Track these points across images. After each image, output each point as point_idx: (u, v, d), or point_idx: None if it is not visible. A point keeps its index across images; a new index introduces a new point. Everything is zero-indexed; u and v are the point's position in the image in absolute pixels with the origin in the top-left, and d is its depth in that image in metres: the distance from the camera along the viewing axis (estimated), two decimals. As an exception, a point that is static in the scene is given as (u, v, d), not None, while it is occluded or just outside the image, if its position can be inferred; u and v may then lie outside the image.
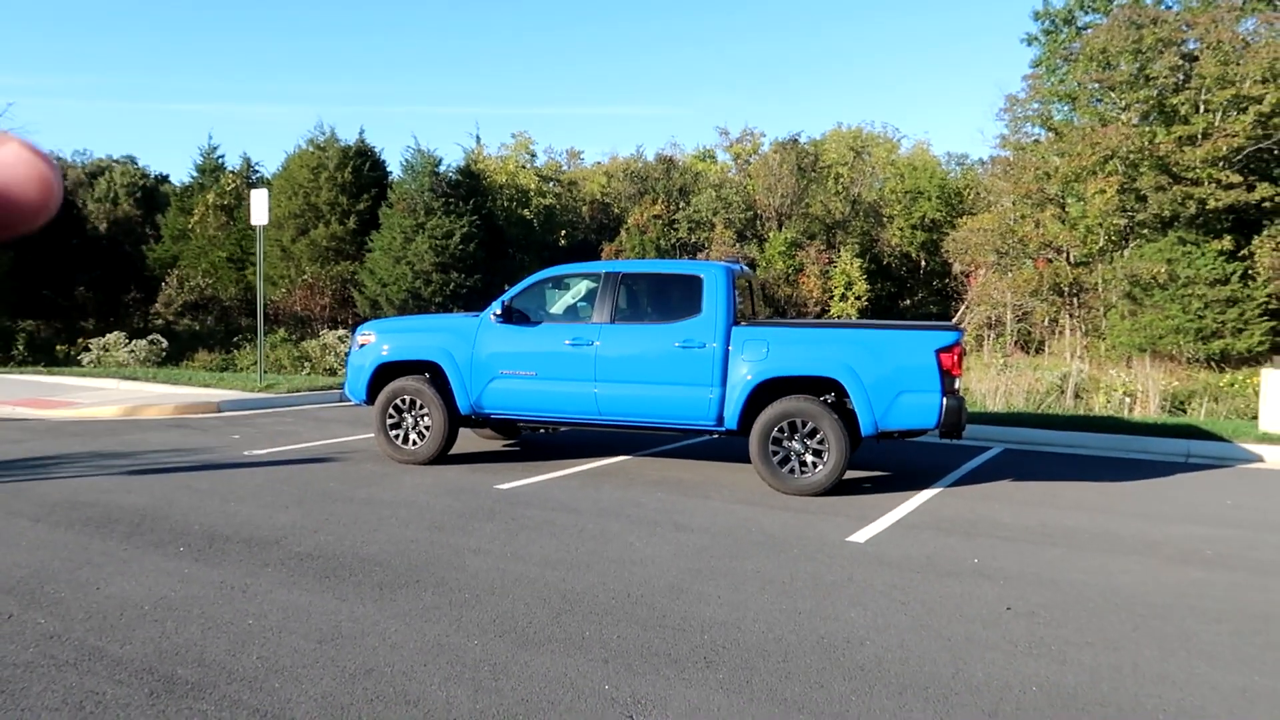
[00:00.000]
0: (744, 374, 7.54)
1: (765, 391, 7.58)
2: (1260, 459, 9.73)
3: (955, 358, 7.20)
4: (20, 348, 23.27)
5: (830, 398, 7.52)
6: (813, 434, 7.38)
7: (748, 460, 7.82)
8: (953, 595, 4.94)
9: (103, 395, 13.26)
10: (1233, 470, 9.28)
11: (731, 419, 7.60)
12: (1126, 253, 29.24)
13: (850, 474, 8.34)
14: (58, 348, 26.93)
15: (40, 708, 3.36)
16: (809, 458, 7.41)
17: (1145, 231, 28.96)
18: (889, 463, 9.20)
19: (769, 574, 5.26)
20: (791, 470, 7.44)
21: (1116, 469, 9.18)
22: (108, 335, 22.63)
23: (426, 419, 8.50)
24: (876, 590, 5.00)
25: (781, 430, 7.45)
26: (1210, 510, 7.32)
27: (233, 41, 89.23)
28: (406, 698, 3.52)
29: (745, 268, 8.91)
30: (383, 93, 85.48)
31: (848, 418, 7.43)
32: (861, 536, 6.17)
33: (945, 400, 7.12)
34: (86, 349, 22.32)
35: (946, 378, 7.14)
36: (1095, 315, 30.14)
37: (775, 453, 7.48)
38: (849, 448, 7.37)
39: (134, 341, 21.90)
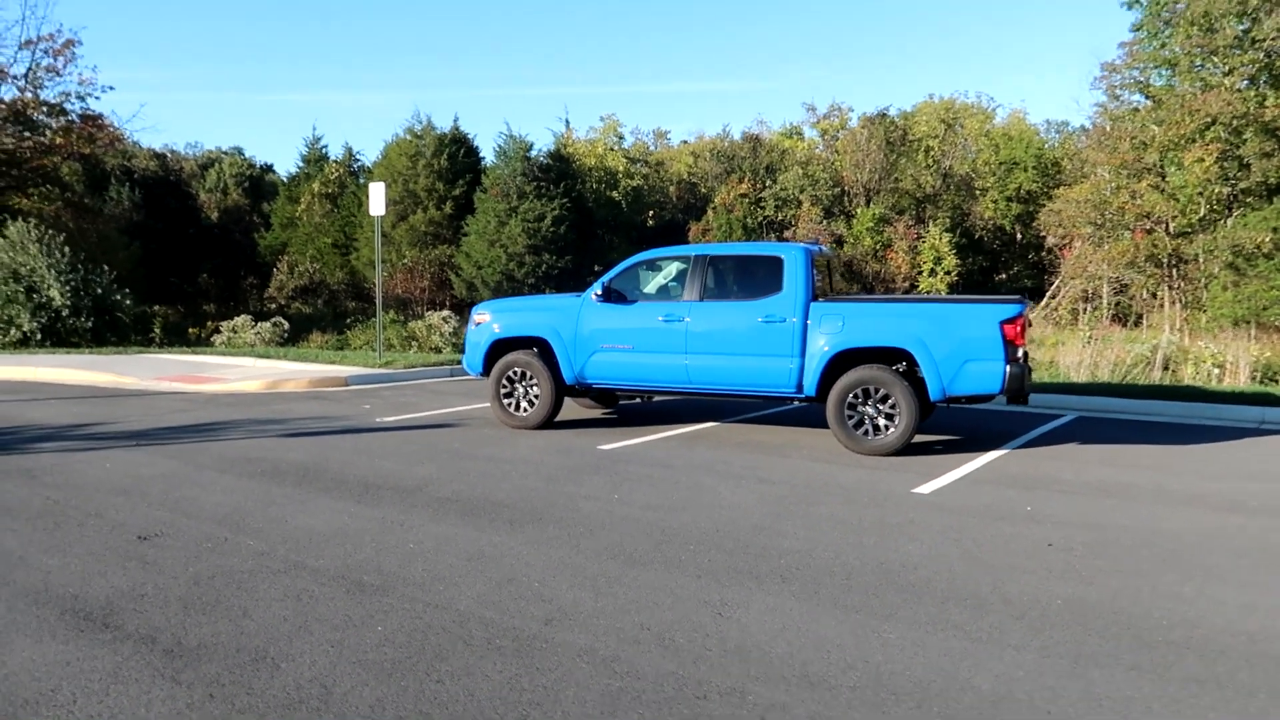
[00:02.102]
0: (822, 345, 8.30)
1: (841, 361, 8.33)
2: (1335, 425, 9.99)
3: (1018, 328, 7.80)
4: (158, 331, 25.39)
5: (901, 366, 8.22)
6: (885, 399, 8.10)
7: (826, 426, 8.58)
8: (1002, 535, 5.66)
9: (244, 371, 14.74)
10: (1303, 435, 9.60)
11: (810, 386, 8.38)
12: (1229, 222, 28.55)
13: (922, 437, 9.03)
14: (190, 330, 29.19)
15: (269, 599, 4.42)
16: (881, 421, 8.13)
17: (1249, 200, 28.23)
18: (961, 428, 9.82)
19: (839, 516, 6.06)
20: (865, 432, 8.19)
21: (1185, 434, 9.61)
22: (236, 319, 24.52)
23: (536, 389, 9.51)
24: (934, 530, 5.75)
25: (856, 396, 8.19)
26: (1267, 469, 7.78)
27: (331, 31, 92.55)
28: (542, 597, 4.46)
29: (824, 248, 9.62)
30: (475, 77, 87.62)
31: (917, 385, 8.13)
32: (926, 489, 6.90)
33: (1009, 368, 7.75)
34: (217, 331, 24.27)
35: (1010, 347, 7.77)
36: (1196, 287, 29.53)
37: (850, 417, 8.23)
38: (919, 412, 8.06)
39: (259, 324, 23.70)
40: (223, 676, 3.57)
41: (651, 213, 39.39)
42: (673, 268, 9.51)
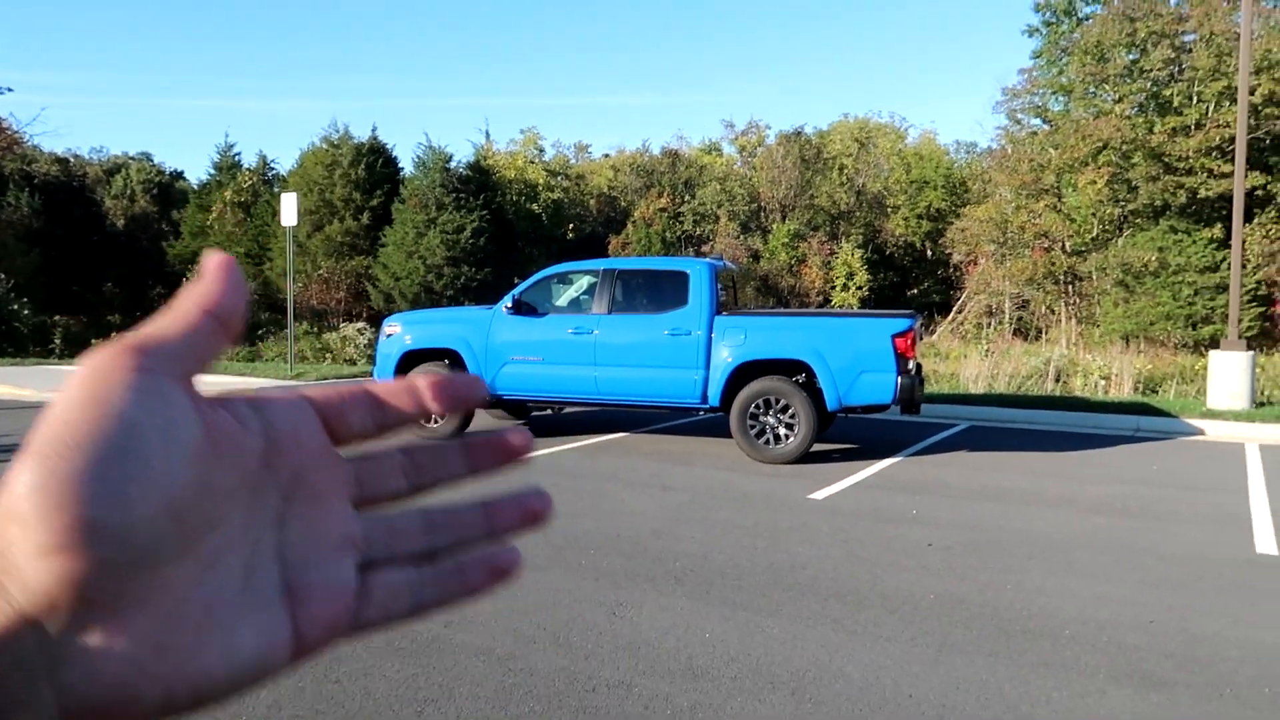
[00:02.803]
0: (725, 357, 8.60)
1: (743, 373, 8.64)
2: (1202, 432, 10.71)
3: (909, 341, 8.22)
4: (58, 341, 24.51)
5: (801, 378, 8.56)
6: (785, 410, 8.43)
7: (730, 436, 8.87)
8: (886, 536, 5.99)
9: (147, 384, 14.39)
10: (1173, 442, 10.28)
11: (714, 397, 8.66)
12: (1120, 241, 30.12)
13: (821, 446, 9.38)
14: (92, 341, 28.21)
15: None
16: (782, 430, 8.46)
17: (1138, 221, 29.83)
18: (859, 437, 10.23)
19: (736, 521, 6.32)
20: (766, 441, 8.50)
21: (1067, 441, 10.19)
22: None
23: (447, 400, 9.57)
24: (823, 533, 6.05)
25: (758, 407, 8.50)
26: (1135, 474, 8.34)
27: (246, 39, 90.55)
28: (442, 601, 4.58)
29: (728, 264, 9.95)
30: (394, 86, 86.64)
31: (816, 395, 8.48)
32: (820, 494, 7.22)
33: (900, 379, 8.15)
34: (120, 342, 23.55)
35: (901, 359, 8.18)
36: (1090, 303, 31.04)
37: (752, 426, 8.53)
38: (817, 422, 8.41)
39: (164, 335, 23.08)
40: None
41: (572, 226, 39.58)
42: (583, 281, 9.71)
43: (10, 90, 49.59)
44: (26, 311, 21.91)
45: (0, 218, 32.64)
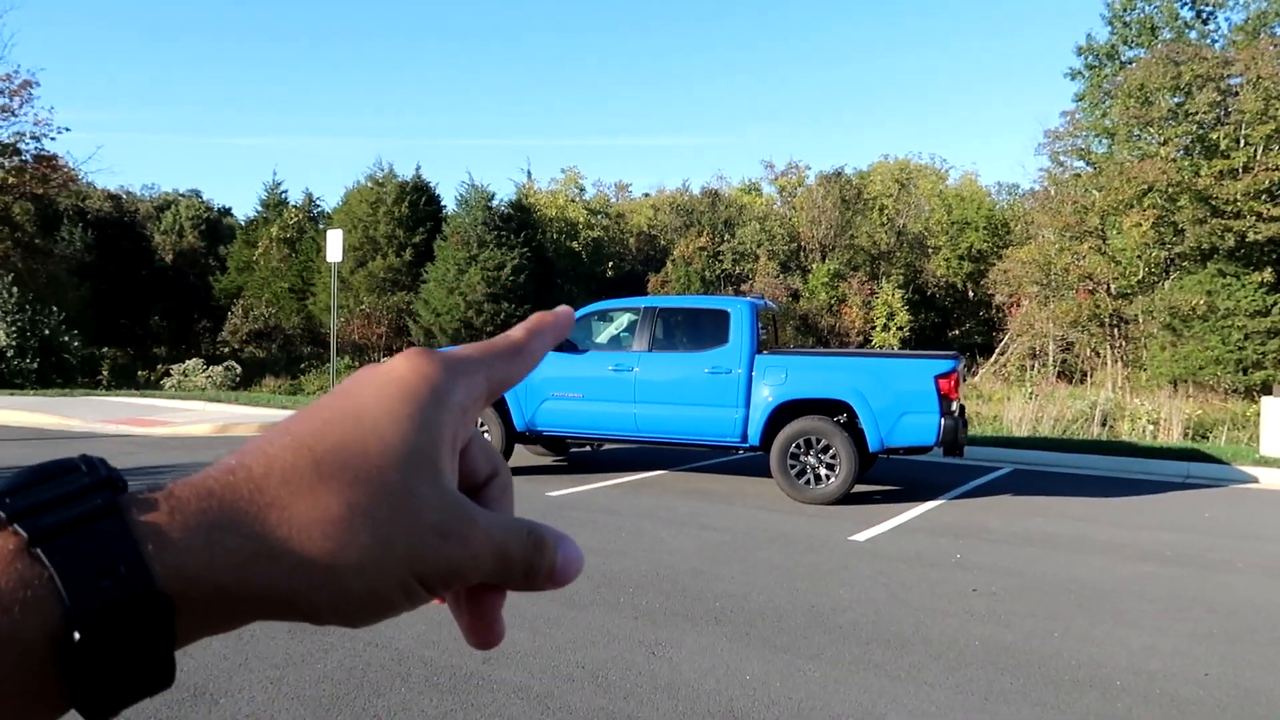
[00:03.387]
0: (765, 396, 8.57)
1: (784, 412, 8.60)
2: (1255, 480, 10.44)
3: (952, 383, 8.14)
4: (106, 373, 25.10)
5: (842, 418, 8.50)
6: (826, 450, 8.36)
7: (770, 475, 8.81)
8: (929, 580, 5.89)
9: (193, 415, 14.66)
10: (1224, 489, 10.03)
11: (754, 436, 8.62)
12: (1166, 284, 29.65)
13: (863, 487, 9.29)
14: (139, 373, 28.81)
15: (210, 639, 4.47)
16: (822, 471, 8.39)
17: (1185, 264, 29.37)
18: (901, 479, 10.10)
19: (776, 562, 6.26)
20: (807, 482, 8.43)
21: (1113, 487, 9.98)
22: (187, 362, 24.35)
23: (487, 435, 9.64)
24: (865, 575, 5.97)
25: (798, 446, 8.44)
26: (1186, 521, 8.14)
27: (295, 78, 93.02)
28: (481, 637, 4.58)
29: (770, 302, 9.95)
30: (438, 125, 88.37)
31: (857, 436, 8.40)
32: (862, 536, 7.13)
33: (943, 420, 8.06)
34: (168, 374, 24.06)
35: (944, 401, 8.09)
36: (1137, 346, 30.53)
37: (793, 466, 8.47)
38: (859, 463, 8.33)
39: (211, 368, 23.55)
40: (160, 712, 3.64)
41: (611, 264, 39.87)
42: (623, 318, 9.76)
43: (68, 130, 51.25)
44: (77, 344, 22.44)
45: (54, 253, 33.61)
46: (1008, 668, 4.34)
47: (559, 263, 36.35)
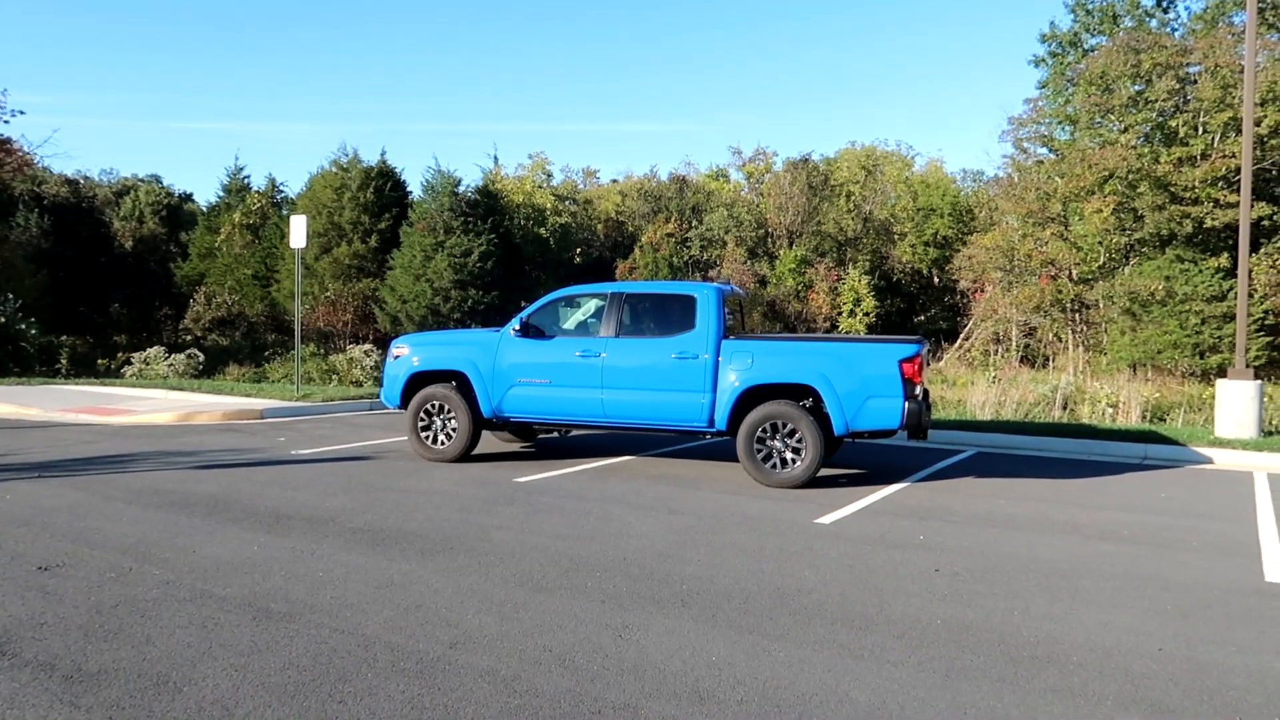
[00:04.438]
0: (732, 381, 8.61)
1: (751, 397, 8.65)
2: (1210, 460, 10.67)
3: (916, 367, 8.22)
4: (64, 361, 24.62)
5: (808, 402, 8.57)
6: (792, 434, 8.43)
7: (737, 460, 8.86)
8: (893, 561, 5.97)
9: (155, 404, 14.45)
10: (1181, 470, 10.24)
11: (721, 421, 8.67)
12: (1126, 270, 30.11)
13: (829, 471, 9.38)
14: (99, 361, 28.31)
15: (173, 626, 4.45)
16: (789, 455, 8.45)
17: (1144, 249, 29.83)
18: (866, 463, 10.21)
19: (742, 545, 6.31)
20: (774, 466, 8.49)
21: (1073, 468, 10.16)
22: (148, 350, 23.91)
23: (453, 422, 9.61)
24: (830, 557, 6.04)
25: (765, 431, 8.50)
26: (1143, 501, 8.31)
27: (256, 62, 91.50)
28: (448, 622, 4.59)
29: (736, 288, 9.99)
30: (404, 110, 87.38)
31: (823, 420, 8.47)
32: (827, 519, 7.20)
33: (908, 404, 8.15)
34: (128, 362, 23.60)
35: (908, 384, 8.18)
36: (1097, 331, 31.00)
37: (759, 450, 8.53)
38: (824, 446, 8.40)
39: (173, 356, 23.16)
40: (123, 701, 3.61)
41: (579, 250, 39.72)
42: (590, 304, 9.75)
43: (23, 113, 50.10)
44: (34, 331, 21.98)
45: (9, 239, 32.84)
46: (969, 645, 4.42)
47: (527, 249, 36.15)
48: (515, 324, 9.54)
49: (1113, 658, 4.31)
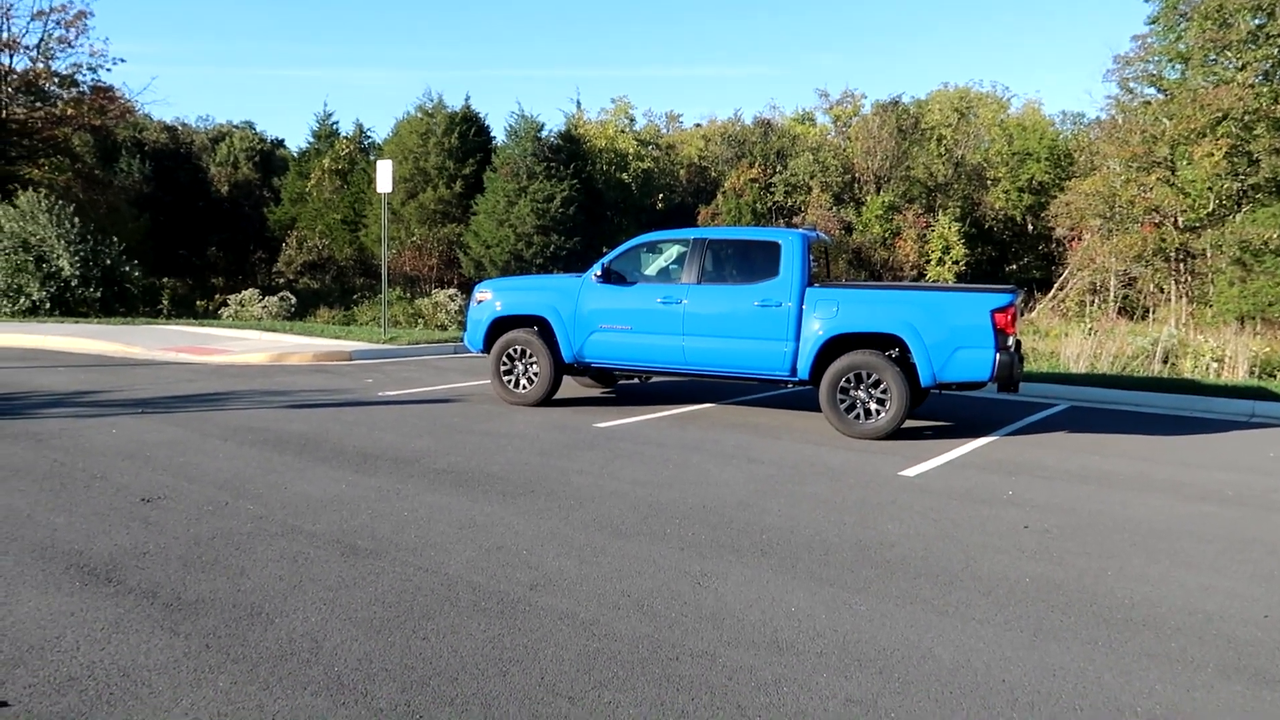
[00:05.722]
0: (816, 330, 8.44)
1: (835, 346, 8.47)
2: (1324, 420, 10.09)
3: (1009, 317, 7.92)
4: (166, 302, 25.69)
5: (894, 352, 8.35)
6: (876, 384, 8.25)
7: (819, 410, 8.73)
8: (980, 517, 5.81)
9: (249, 344, 14.95)
10: (1291, 429, 9.71)
11: (804, 370, 8.52)
12: (1238, 217, 28.51)
13: (914, 423, 9.17)
14: (197, 303, 29.47)
15: (266, 559, 4.60)
16: (873, 405, 8.28)
17: (1259, 196, 28.18)
18: (953, 414, 9.95)
19: (823, 496, 6.22)
20: (857, 416, 8.34)
21: (1173, 425, 9.73)
22: (243, 292, 24.77)
23: (535, 366, 9.68)
24: (914, 511, 5.91)
25: (848, 381, 8.33)
26: (1248, 460, 7.91)
27: (343, 8, 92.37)
28: (529, 564, 4.64)
29: (822, 234, 9.74)
30: (487, 56, 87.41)
31: (909, 370, 8.26)
32: (912, 472, 7.05)
33: (999, 356, 7.88)
34: (225, 304, 24.55)
35: (1000, 335, 7.89)
36: (1203, 281, 29.54)
37: (842, 401, 8.38)
38: (910, 398, 8.20)
39: (266, 298, 23.94)
40: (219, 629, 3.75)
41: (661, 196, 39.43)
42: (673, 250, 9.64)
43: (123, 61, 51.70)
44: (137, 274, 22.88)
45: (114, 184, 34.17)
46: (1058, 605, 4.28)
47: (608, 195, 36.05)
48: (597, 269, 9.50)
49: (1214, 623, 4.12)
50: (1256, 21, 27.53)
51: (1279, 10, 26.74)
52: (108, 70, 31.44)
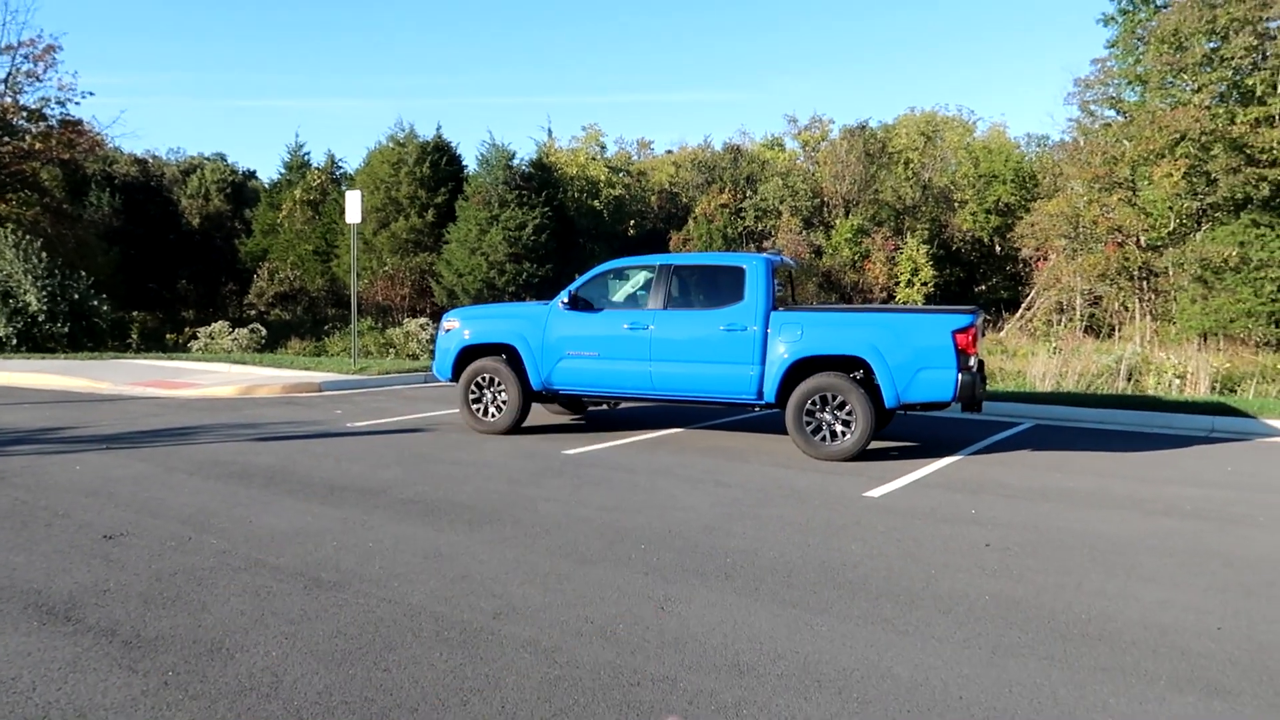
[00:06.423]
0: (781, 353, 8.53)
1: (800, 369, 8.56)
2: (1281, 434, 10.29)
3: (970, 338, 8.05)
4: (135, 336, 25.43)
5: (858, 374, 8.45)
6: (841, 406, 8.33)
7: (786, 432, 8.79)
8: (943, 536, 5.88)
9: (218, 377, 14.84)
10: (1249, 444, 9.90)
11: (770, 393, 8.60)
12: (1198, 236, 29.05)
13: (880, 443, 9.26)
14: (167, 336, 29.20)
15: (228, 594, 4.58)
16: (838, 427, 8.36)
17: (1217, 214, 28.74)
18: (919, 435, 10.06)
19: (789, 518, 6.27)
20: (823, 438, 8.41)
21: (1135, 441, 9.88)
22: (213, 325, 24.58)
23: (504, 394, 9.69)
24: (878, 531, 5.97)
25: (814, 403, 8.41)
26: (1208, 475, 8.05)
27: (314, 39, 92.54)
28: (493, 593, 4.64)
29: (786, 259, 9.87)
30: (458, 85, 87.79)
31: (873, 392, 8.35)
32: (877, 492, 7.12)
33: (961, 376, 7.99)
34: (194, 337, 24.34)
35: (962, 355, 8.01)
36: (1166, 299, 30.02)
37: (808, 423, 8.45)
38: (875, 419, 8.29)
39: (236, 330, 23.77)
40: (178, 666, 3.73)
41: (633, 222, 39.64)
42: (639, 276, 9.72)
43: (92, 94, 51.39)
44: (106, 308, 22.66)
45: (83, 218, 33.88)
46: (1017, 622, 4.34)
47: (580, 221, 36.19)
48: (564, 297, 9.55)
49: (1169, 636, 4.19)
50: (1211, 45, 28.23)
51: (1232, 34, 27.44)
52: (76, 104, 31.38)
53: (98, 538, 5.57)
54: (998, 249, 38.69)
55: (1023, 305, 33.77)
